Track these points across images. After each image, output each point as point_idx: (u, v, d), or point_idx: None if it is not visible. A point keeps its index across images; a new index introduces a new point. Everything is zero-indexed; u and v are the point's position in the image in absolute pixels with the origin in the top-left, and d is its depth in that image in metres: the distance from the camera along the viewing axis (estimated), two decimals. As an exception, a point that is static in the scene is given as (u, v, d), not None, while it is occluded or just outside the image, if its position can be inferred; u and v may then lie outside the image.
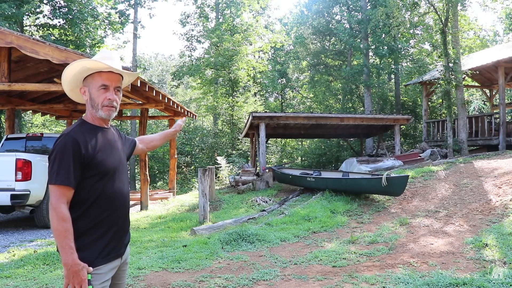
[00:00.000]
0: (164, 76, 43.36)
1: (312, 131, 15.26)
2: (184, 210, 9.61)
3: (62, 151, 1.68)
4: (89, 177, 1.72)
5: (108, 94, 1.82)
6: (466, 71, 12.61)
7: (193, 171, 22.81)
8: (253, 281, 3.96)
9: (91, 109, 1.83)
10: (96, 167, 1.73)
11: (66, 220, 1.63)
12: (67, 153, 1.67)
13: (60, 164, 1.66)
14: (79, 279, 1.62)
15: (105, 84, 1.81)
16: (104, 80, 1.81)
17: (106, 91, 1.81)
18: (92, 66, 1.80)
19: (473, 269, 4.12)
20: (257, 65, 25.59)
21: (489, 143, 12.95)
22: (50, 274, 4.33)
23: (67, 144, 1.69)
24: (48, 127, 24.08)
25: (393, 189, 7.43)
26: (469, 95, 22.54)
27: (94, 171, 1.73)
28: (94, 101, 1.81)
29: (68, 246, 1.61)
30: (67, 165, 1.66)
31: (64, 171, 1.65)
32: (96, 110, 1.81)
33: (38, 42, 6.77)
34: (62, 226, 1.62)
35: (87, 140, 1.74)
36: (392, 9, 13.54)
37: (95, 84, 1.81)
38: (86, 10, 17.39)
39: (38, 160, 7.02)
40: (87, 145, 1.72)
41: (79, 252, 1.68)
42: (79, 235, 1.70)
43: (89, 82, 1.82)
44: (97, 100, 1.81)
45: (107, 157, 1.79)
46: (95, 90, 1.81)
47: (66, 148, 1.68)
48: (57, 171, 1.66)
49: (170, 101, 9.99)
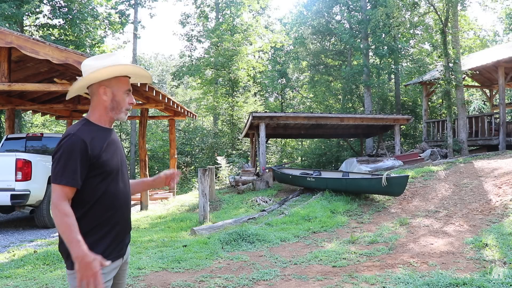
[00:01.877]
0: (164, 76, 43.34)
1: (312, 131, 15.26)
2: (184, 210, 9.61)
3: (69, 150, 1.67)
4: (93, 176, 1.72)
5: (130, 98, 1.89)
6: (466, 71, 12.61)
7: (193, 171, 22.80)
8: (253, 281, 3.96)
9: (110, 110, 1.84)
10: (100, 167, 1.73)
11: (69, 215, 1.62)
12: (74, 153, 1.66)
13: (66, 164, 1.65)
14: (92, 271, 1.58)
15: (130, 89, 1.89)
16: (128, 84, 1.89)
17: (128, 96, 1.89)
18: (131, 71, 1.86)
19: (473, 269, 4.12)
20: (257, 65, 25.59)
21: (489, 143, 12.95)
22: (50, 274, 4.33)
23: (75, 144, 1.67)
24: (48, 127, 24.09)
25: (393, 189, 7.43)
26: (469, 95, 22.53)
27: (99, 171, 1.73)
28: (118, 104, 1.84)
29: (75, 239, 1.59)
30: (73, 166, 1.65)
31: (69, 171, 1.64)
32: (117, 112, 1.85)
33: (38, 42, 6.77)
34: (66, 221, 1.60)
35: (93, 140, 1.74)
36: (392, 9, 13.54)
37: (122, 87, 1.85)
38: (86, 10, 17.41)
39: (38, 160, 7.02)
40: (93, 145, 1.72)
41: None
42: (82, 235, 1.69)
43: (114, 84, 1.83)
44: (122, 104, 1.85)
45: (111, 157, 1.80)
46: (121, 93, 1.85)
47: (73, 148, 1.67)
48: (62, 171, 1.65)
49: (170, 101, 9.99)
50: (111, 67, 1.79)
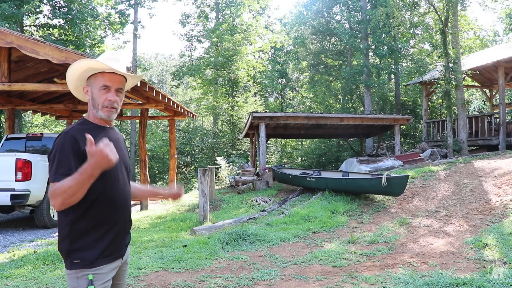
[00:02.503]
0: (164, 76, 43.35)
1: (312, 131, 15.26)
2: (184, 210, 9.61)
3: (61, 148, 1.67)
4: None
5: (109, 95, 1.82)
6: (466, 71, 12.61)
7: (193, 171, 22.81)
8: (253, 281, 3.96)
9: (92, 109, 1.83)
10: None
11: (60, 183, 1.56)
12: (66, 150, 1.66)
13: (60, 161, 1.65)
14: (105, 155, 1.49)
15: (107, 85, 1.81)
16: (106, 81, 1.81)
17: (107, 92, 1.82)
18: (95, 66, 1.81)
19: (473, 269, 4.12)
20: (257, 65, 25.59)
21: (489, 143, 12.95)
22: (50, 274, 4.33)
23: (66, 141, 1.68)
24: (48, 127, 24.09)
25: (393, 189, 7.43)
26: (469, 95, 22.53)
27: None
28: (95, 101, 1.82)
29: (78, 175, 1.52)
30: (67, 161, 1.65)
31: (63, 168, 1.64)
32: (96, 110, 1.82)
33: (38, 42, 6.77)
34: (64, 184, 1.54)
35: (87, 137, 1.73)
36: (392, 9, 13.55)
37: (97, 84, 1.82)
38: (86, 10, 17.40)
39: (38, 160, 7.02)
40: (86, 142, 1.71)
41: (81, 252, 1.68)
42: (80, 235, 1.69)
43: (92, 82, 1.83)
44: (98, 101, 1.81)
45: None
46: (96, 90, 1.82)
47: (64, 145, 1.67)
48: (56, 168, 1.65)
49: (170, 101, 9.99)
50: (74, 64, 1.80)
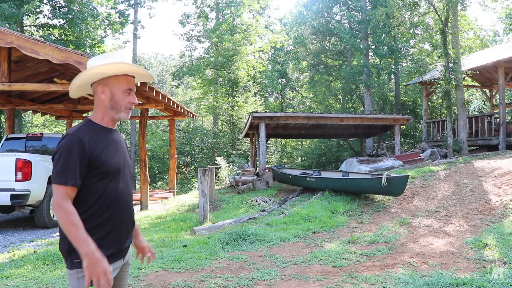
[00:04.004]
0: (164, 76, 43.33)
1: (312, 131, 15.26)
2: (184, 210, 9.60)
3: (67, 150, 1.67)
4: (91, 176, 1.72)
5: (131, 97, 1.86)
6: (466, 71, 12.61)
7: (193, 171, 22.81)
8: (253, 281, 3.96)
9: (110, 110, 1.83)
10: (99, 166, 1.73)
11: (74, 213, 1.63)
12: (73, 152, 1.67)
13: (65, 164, 1.66)
14: (102, 268, 1.58)
15: (131, 88, 1.85)
16: (130, 83, 1.85)
17: (129, 95, 1.85)
18: (130, 70, 1.82)
19: (473, 269, 4.12)
20: (257, 65, 25.59)
21: (489, 143, 12.95)
22: (50, 274, 4.33)
23: (73, 143, 1.68)
24: (48, 127, 24.09)
25: (393, 189, 7.43)
26: (469, 95, 22.52)
27: (97, 171, 1.73)
28: (117, 103, 1.82)
29: (82, 237, 1.60)
30: (72, 165, 1.66)
31: (69, 171, 1.65)
32: (117, 111, 1.83)
33: (38, 42, 6.76)
34: (71, 219, 1.61)
35: (92, 139, 1.73)
36: (392, 9, 13.54)
37: (121, 86, 1.82)
38: (86, 10, 17.40)
39: (38, 160, 7.02)
40: (92, 144, 1.72)
41: None
42: None
43: (113, 83, 1.81)
44: (121, 103, 1.83)
45: (111, 157, 1.79)
46: (120, 93, 1.82)
47: (72, 147, 1.67)
48: (61, 171, 1.65)
49: (170, 101, 9.98)
50: (107, 65, 1.77)
